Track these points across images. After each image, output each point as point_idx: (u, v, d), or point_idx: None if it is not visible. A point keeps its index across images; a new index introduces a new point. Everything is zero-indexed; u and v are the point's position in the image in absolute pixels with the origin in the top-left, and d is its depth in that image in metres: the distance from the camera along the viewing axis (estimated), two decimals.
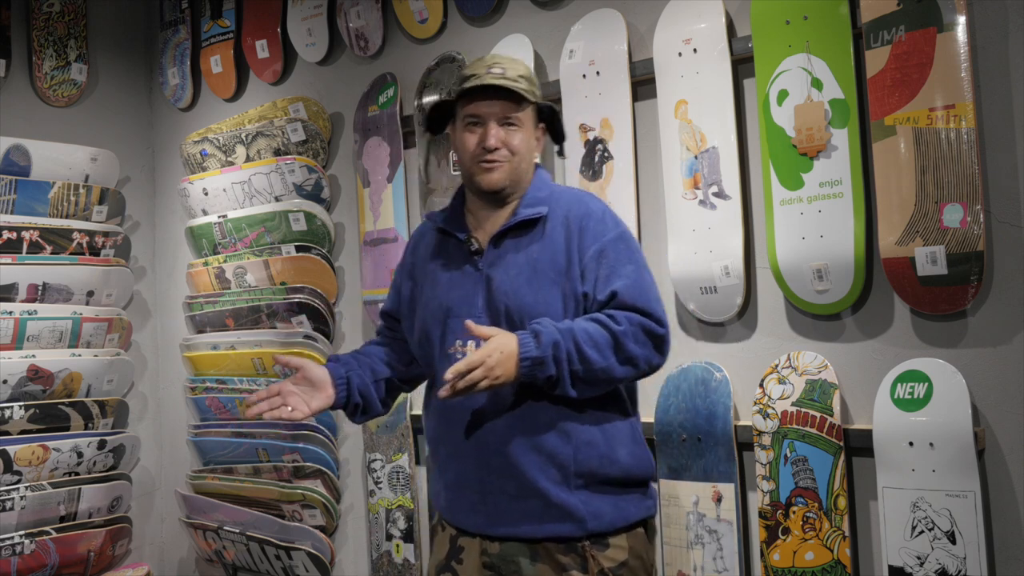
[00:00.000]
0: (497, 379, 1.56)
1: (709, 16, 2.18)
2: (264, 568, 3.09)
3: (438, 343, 1.73)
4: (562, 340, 1.58)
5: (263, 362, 3.07)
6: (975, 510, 1.77)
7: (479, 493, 1.69)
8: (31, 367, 3.11)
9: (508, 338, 1.58)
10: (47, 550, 3.05)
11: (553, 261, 1.68)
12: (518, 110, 1.70)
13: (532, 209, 1.72)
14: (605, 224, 1.71)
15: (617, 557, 1.66)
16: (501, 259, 1.72)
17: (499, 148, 1.69)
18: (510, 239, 1.73)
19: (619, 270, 1.67)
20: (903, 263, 1.88)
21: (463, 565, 1.72)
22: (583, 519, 1.64)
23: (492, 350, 1.56)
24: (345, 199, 3.06)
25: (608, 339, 1.60)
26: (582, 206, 1.74)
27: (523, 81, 1.69)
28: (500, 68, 1.69)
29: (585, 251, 1.68)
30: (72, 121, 3.50)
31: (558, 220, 1.72)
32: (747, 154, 2.17)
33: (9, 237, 3.14)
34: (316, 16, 3.05)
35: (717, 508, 2.10)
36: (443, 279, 1.77)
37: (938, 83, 1.83)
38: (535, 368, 1.57)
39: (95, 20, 3.60)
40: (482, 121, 1.70)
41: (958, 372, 1.84)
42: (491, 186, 1.71)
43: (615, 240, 1.70)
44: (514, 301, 1.67)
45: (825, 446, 1.96)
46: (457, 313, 1.71)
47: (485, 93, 1.69)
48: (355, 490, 3.01)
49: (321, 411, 1.76)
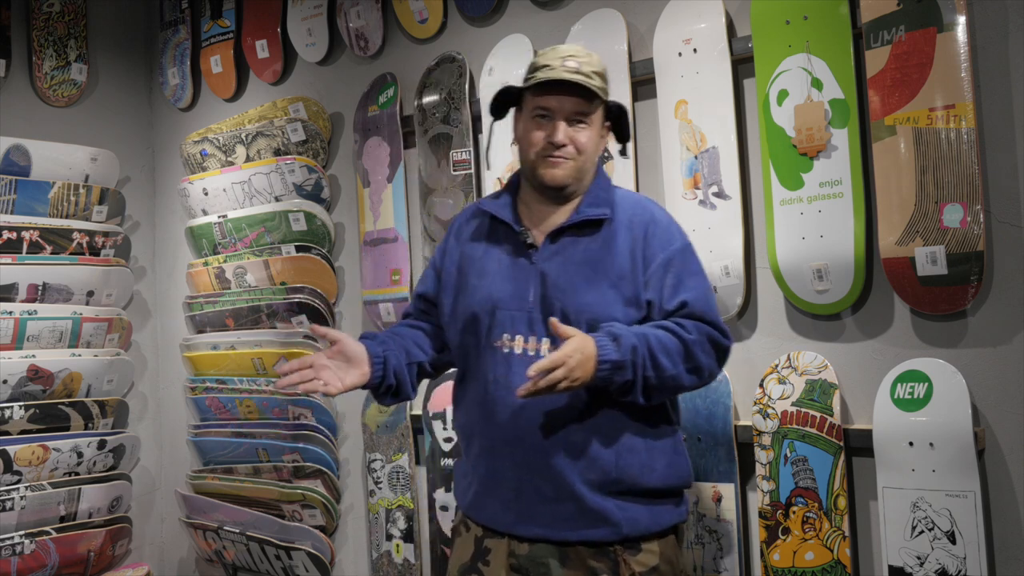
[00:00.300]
0: (575, 381, 1.52)
1: (709, 16, 2.18)
2: (264, 568, 3.09)
3: (484, 334, 1.69)
4: (639, 345, 1.55)
5: (263, 362, 3.07)
6: (975, 510, 1.77)
7: (513, 491, 1.65)
8: (31, 367, 3.11)
9: (587, 340, 1.54)
10: (47, 550, 3.05)
11: (615, 264, 1.65)
12: (589, 108, 1.66)
13: (597, 209, 1.69)
14: (671, 233, 1.70)
15: (648, 562, 1.64)
16: (558, 255, 1.68)
17: (566, 145, 1.65)
18: (569, 236, 1.69)
19: (687, 281, 1.65)
20: (903, 263, 1.88)
21: (490, 567, 1.68)
22: (618, 523, 1.62)
23: (573, 351, 1.51)
24: (345, 199, 3.06)
25: (679, 347, 1.59)
26: (647, 212, 1.71)
27: (597, 78, 1.65)
28: (575, 62, 1.63)
29: (651, 259, 1.66)
30: (72, 121, 3.50)
31: (622, 223, 1.69)
32: (747, 154, 2.17)
33: (9, 237, 3.14)
34: (316, 16, 3.05)
35: (717, 508, 2.10)
36: (492, 269, 1.72)
37: (938, 83, 1.83)
38: (613, 372, 1.54)
39: (95, 20, 3.60)
40: (551, 115, 1.65)
41: (958, 372, 1.83)
42: (555, 182, 1.67)
43: (682, 251, 1.68)
44: (572, 299, 1.63)
45: (825, 446, 1.96)
46: (506, 306, 1.67)
47: (557, 87, 1.63)
48: (355, 490, 3.01)
49: (354, 388, 1.68)
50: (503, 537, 1.68)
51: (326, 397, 1.66)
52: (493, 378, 1.67)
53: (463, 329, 1.73)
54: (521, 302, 1.66)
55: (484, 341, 1.69)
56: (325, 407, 2.96)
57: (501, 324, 1.66)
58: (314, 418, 2.97)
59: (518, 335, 1.64)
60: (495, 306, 1.68)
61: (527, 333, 1.63)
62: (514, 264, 1.70)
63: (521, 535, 1.65)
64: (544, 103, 1.65)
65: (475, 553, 1.71)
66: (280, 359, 3.01)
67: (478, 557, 1.71)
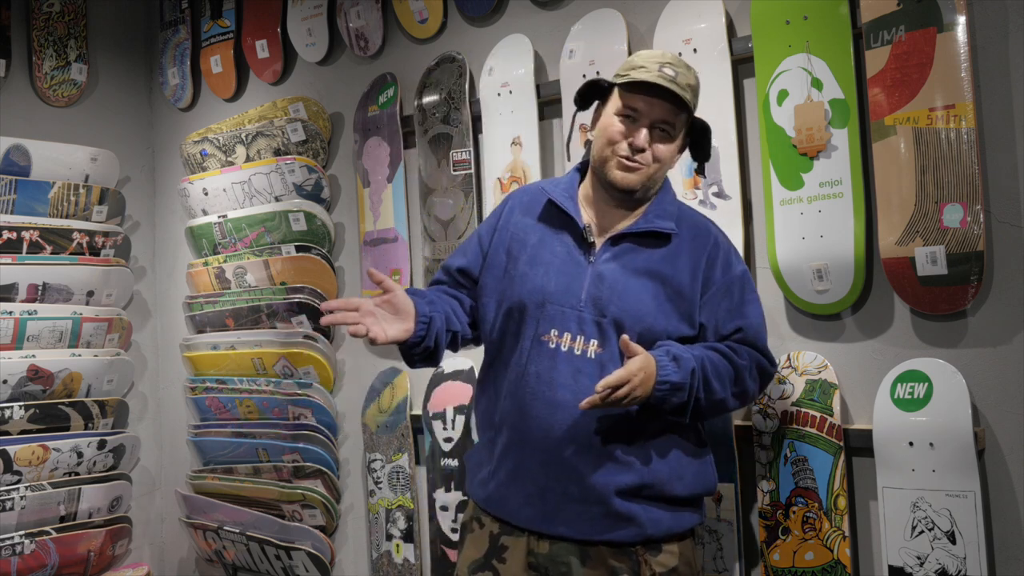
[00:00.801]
0: (636, 399, 1.53)
1: (709, 16, 2.18)
2: (264, 568, 3.09)
3: (531, 325, 1.66)
4: (697, 368, 1.56)
5: (263, 362, 3.07)
6: (975, 510, 1.77)
7: (538, 488, 1.63)
8: (31, 367, 3.11)
9: (650, 358, 1.55)
10: (47, 550, 3.05)
11: (676, 280, 1.65)
12: (676, 119, 1.65)
13: (665, 222, 1.68)
14: (731, 259, 1.72)
15: (668, 563, 1.64)
16: (618, 259, 1.66)
17: (646, 151, 1.64)
18: (630, 242, 1.68)
19: (744, 309, 1.68)
20: (903, 263, 1.88)
21: (506, 565, 1.66)
22: (643, 525, 1.62)
23: (638, 369, 1.52)
24: (345, 199, 3.06)
25: (731, 372, 1.62)
26: (710, 236, 1.72)
27: (689, 91, 1.64)
28: (672, 71, 1.62)
29: (711, 283, 1.67)
30: (72, 121, 3.50)
31: (685, 240, 1.69)
32: (747, 154, 2.17)
33: (9, 237, 3.14)
34: (316, 16, 3.05)
35: (717, 508, 2.10)
36: (545, 258, 1.69)
37: (938, 83, 1.83)
38: (671, 393, 1.55)
39: (95, 20, 3.60)
40: (637, 117, 1.64)
41: (958, 372, 1.83)
42: (627, 185, 1.66)
43: (741, 277, 1.71)
44: (629, 306, 1.62)
45: (825, 446, 1.96)
46: (558, 301, 1.64)
47: (650, 90, 1.62)
48: (355, 490, 3.01)
49: (396, 342, 1.61)
50: (523, 534, 1.66)
51: (371, 344, 1.62)
52: (535, 371, 1.64)
53: (507, 315, 1.70)
54: (573, 299, 1.64)
55: (530, 332, 1.65)
56: (325, 407, 2.96)
57: (550, 319, 1.64)
58: (314, 418, 2.97)
59: (567, 332, 1.62)
60: (545, 299, 1.65)
61: (576, 331, 1.62)
62: (570, 259, 1.68)
63: (544, 532, 1.64)
64: (633, 103, 1.64)
65: (489, 550, 1.69)
66: (280, 359, 3.01)
67: (492, 554, 1.68)
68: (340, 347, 3.05)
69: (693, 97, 1.66)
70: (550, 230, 1.72)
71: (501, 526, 1.69)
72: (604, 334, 1.62)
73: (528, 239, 1.73)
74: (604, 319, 1.61)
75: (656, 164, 1.66)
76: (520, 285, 1.68)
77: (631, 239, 1.68)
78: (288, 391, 2.99)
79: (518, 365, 1.66)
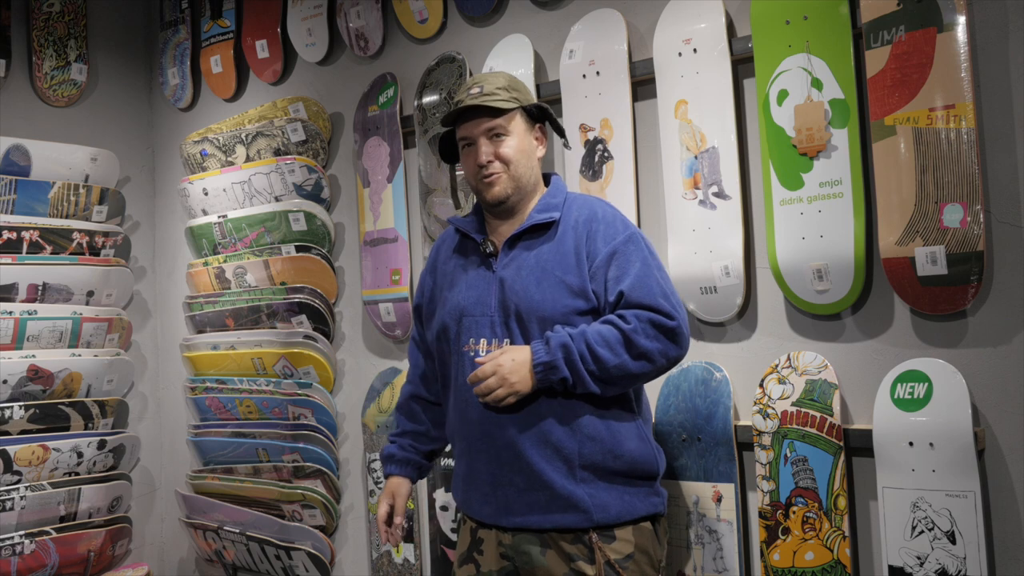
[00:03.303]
0: (514, 386, 1.67)
1: (709, 16, 2.18)
2: (264, 568, 3.09)
3: (454, 340, 1.81)
4: (572, 343, 1.66)
5: (263, 362, 3.07)
6: (975, 510, 1.77)
7: (490, 485, 1.77)
8: (31, 367, 3.11)
9: (523, 347, 1.70)
10: (47, 550, 3.05)
11: (561, 262, 1.75)
12: (501, 121, 1.78)
13: (544, 214, 1.81)
14: (615, 228, 1.78)
15: (623, 550, 1.72)
16: (513, 261, 1.79)
17: (492, 161, 1.78)
18: (523, 242, 1.81)
19: (627, 271, 1.73)
20: (903, 263, 1.88)
21: (484, 556, 1.81)
22: (588, 510, 1.70)
23: (504, 358, 1.67)
24: (345, 199, 3.06)
25: (619, 337, 1.67)
26: (589, 211, 1.81)
27: (501, 92, 1.78)
28: (478, 87, 1.78)
29: (595, 255, 1.75)
30: (72, 121, 3.50)
31: (568, 224, 1.80)
32: (747, 154, 2.17)
33: (9, 237, 3.14)
34: (316, 16, 3.05)
35: (717, 508, 2.10)
36: (460, 280, 1.86)
37: (938, 83, 1.83)
38: (548, 372, 1.67)
39: (95, 20, 3.60)
40: (473, 141, 1.80)
41: (958, 372, 1.83)
42: (494, 198, 1.81)
43: (625, 242, 1.76)
44: (524, 300, 1.74)
45: (825, 446, 1.96)
46: (471, 312, 1.79)
47: (469, 114, 1.79)
48: (355, 490, 3.01)
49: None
50: (491, 528, 1.81)
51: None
52: (463, 381, 1.78)
53: (438, 338, 1.87)
54: (484, 308, 1.79)
55: (456, 347, 1.81)
56: (325, 407, 2.96)
57: (468, 330, 1.79)
58: (314, 418, 2.97)
59: (483, 338, 1.77)
60: (462, 314, 1.81)
61: (490, 336, 1.76)
62: (478, 274, 1.84)
63: (503, 526, 1.77)
64: (464, 132, 1.81)
65: (471, 543, 1.85)
66: (280, 359, 3.01)
67: (473, 547, 1.84)
68: (340, 347, 3.05)
69: (508, 93, 1.79)
70: (462, 257, 1.89)
71: (475, 523, 1.85)
72: (512, 332, 1.75)
73: (447, 268, 1.92)
74: (510, 318, 1.75)
75: (507, 164, 1.79)
76: (443, 307, 1.86)
77: (523, 239, 1.81)
78: (288, 391, 3.00)
79: (455, 379, 1.83)
